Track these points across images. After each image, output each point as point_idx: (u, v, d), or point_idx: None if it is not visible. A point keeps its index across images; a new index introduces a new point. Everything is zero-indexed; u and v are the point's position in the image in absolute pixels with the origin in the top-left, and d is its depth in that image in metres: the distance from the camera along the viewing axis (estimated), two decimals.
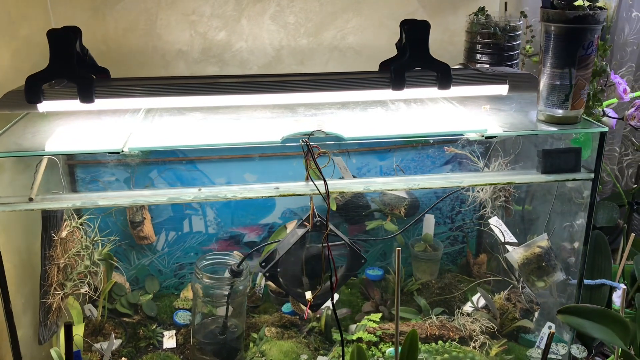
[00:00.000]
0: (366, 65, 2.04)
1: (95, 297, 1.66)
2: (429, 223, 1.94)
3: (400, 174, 1.93)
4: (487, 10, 1.80)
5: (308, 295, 1.50)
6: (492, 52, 1.74)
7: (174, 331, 1.82)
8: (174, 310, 1.91)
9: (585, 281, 1.70)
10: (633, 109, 1.84)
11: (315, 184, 1.36)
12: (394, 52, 2.02)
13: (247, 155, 1.86)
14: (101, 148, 1.37)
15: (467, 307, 1.87)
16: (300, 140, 1.38)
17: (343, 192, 1.51)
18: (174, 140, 1.40)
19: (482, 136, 1.42)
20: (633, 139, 1.83)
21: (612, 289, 1.79)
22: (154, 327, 1.83)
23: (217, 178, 1.89)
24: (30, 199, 1.36)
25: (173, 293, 1.98)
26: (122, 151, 1.33)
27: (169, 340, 1.79)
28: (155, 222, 1.91)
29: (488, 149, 1.88)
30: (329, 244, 1.52)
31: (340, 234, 1.57)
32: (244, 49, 1.99)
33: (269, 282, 1.94)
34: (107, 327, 1.79)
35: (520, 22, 1.76)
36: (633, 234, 1.78)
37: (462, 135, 1.44)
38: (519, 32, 1.75)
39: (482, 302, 1.87)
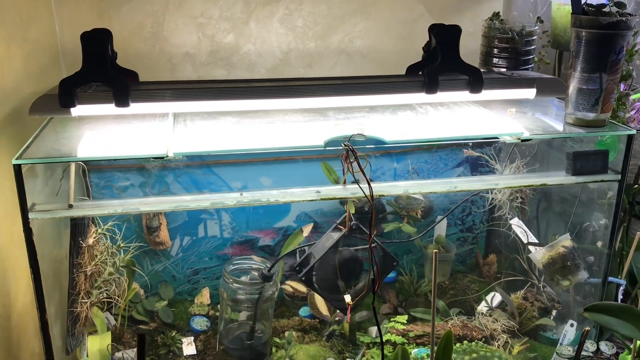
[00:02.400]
0: (373, 69, 2.07)
1: (119, 305, 1.62)
2: (441, 225, 1.97)
3: (415, 176, 1.95)
4: (501, 15, 1.84)
5: (347, 298, 1.51)
6: (509, 56, 1.78)
7: (192, 337, 1.80)
8: (189, 316, 1.88)
9: (593, 279, 1.76)
10: (633, 112, 1.91)
11: (360, 187, 1.37)
12: (400, 55, 2.06)
13: (262, 159, 1.85)
14: (144, 153, 1.34)
15: (482, 307, 1.91)
16: (343, 144, 1.38)
17: (382, 195, 1.51)
18: (219, 144, 1.39)
19: (519, 139, 1.46)
20: None
21: (618, 287, 1.85)
22: (173, 334, 1.80)
23: (234, 182, 1.87)
24: (70, 206, 1.32)
25: (186, 299, 1.96)
26: (167, 156, 1.31)
27: (189, 347, 1.77)
28: (170, 227, 1.88)
29: (499, 151, 1.93)
30: (361, 247, 1.54)
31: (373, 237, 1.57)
32: (252, 52, 1.98)
33: (284, 287, 1.95)
34: (125, 336, 1.75)
35: (536, 27, 1.80)
36: (638, 233, 1.84)
37: (498, 138, 1.47)
38: (535, 37, 1.80)
39: (495, 301, 1.91)
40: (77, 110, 1.39)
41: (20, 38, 1.56)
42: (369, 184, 1.37)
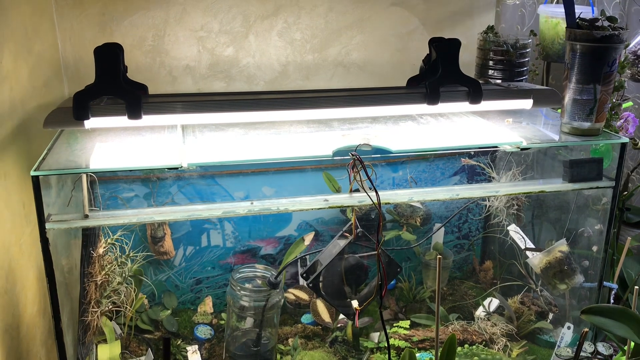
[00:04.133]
0: (369, 81, 2.12)
1: (127, 314, 1.64)
2: (439, 232, 2.02)
3: (413, 185, 2.00)
4: (495, 29, 1.90)
5: (355, 304, 1.55)
6: (504, 68, 1.83)
7: (197, 346, 1.83)
8: (193, 325, 1.91)
9: (586, 284, 1.82)
10: (622, 121, 1.98)
11: (369, 195, 1.41)
12: (395, 67, 2.12)
13: (265, 169, 1.89)
14: (160, 164, 1.37)
15: (480, 312, 1.96)
16: (350, 154, 1.42)
17: (388, 203, 1.55)
18: (230, 155, 1.42)
19: (518, 148, 1.51)
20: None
21: (610, 290, 1.91)
22: (178, 342, 1.82)
23: (236, 192, 1.91)
24: (86, 216, 1.35)
25: (190, 308, 1.98)
26: (181, 166, 1.34)
27: (194, 355, 1.79)
28: (174, 237, 1.90)
29: (494, 160, 1.98)
30: (364, 254, 1.58)
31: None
32: (251, 65, 2.02)
33: (287, 294, 1.98)
34: (131, 345, 1.77)
35: (530, 40, 1.87)
36: (629, 238, 1.90)
37: (498, 147, 1.53)
38: (529, 50, 1.86)
39: (493, 306, 1.96)
40: (91, 123, 1.41)
41: (25, 52, 1.58)
42: (376, 192, 1.41)
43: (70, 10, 1.82)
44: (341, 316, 1.87)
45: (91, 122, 1.41)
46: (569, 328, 1.78)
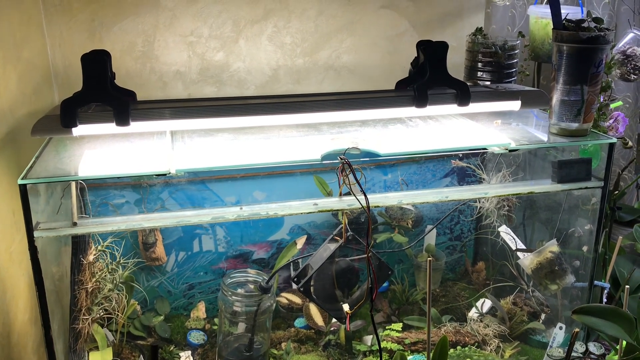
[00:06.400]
0: (359, 84, 2.12)
1: (118, 321, 1.64)
2: (431, 234, 2.03)
3: (405, 187, 2.01)
4: (484, 31, 1.90)
5: (346, 307, 1.55)
6: (492, 69, 1.84)
7: (190, 351, 1.82)
8: (185, 330, 1.91)
9: (578, 283, 1.82)
10: (611, 120, 1.98)
11: (357, 198, 1.41)
12: (386, 70, 2.12)
13: (255, 174, 1.89)
14: (147, 170, 1.37)
15: (472, 313, 1.96)
16: (339, 157, 1.42)
17: (377, 206, 1.55)
18: (219, 160, 1.42)
19: (506, 149, 1.51)
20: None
21: (602, 290, 1.91)
22: (171, 348, 1.82)
23: (227, 197, 1.91)
24: (75, 224, 1.35)
25: (182, 314, 1.98)
26: (169, 173, 1.34)
27: None
28: (166, 243, 1.90)
29: (484, 161, 1.99)
30: (355, 257, 1.58)
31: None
32: (241, 69, 2.02)
33: (279, 299, 1.98)
34: (124, 352, 1.77)
35: (518, 41, 1.87)
36: (621, 237, 1.90)
37: (486, 149, 1.53)
38: (517, 51, 1.86)
39: (485, 307, 1.97)
40: (79, 130, 1.41)
41: (14, 58, 1.58)
42: (365, 196, 1.41)
43: (59, 16, 1.82)
44: (334, 320, 1.87)
45: (79, 130, 1.41)
46: (561, 328, 1.78)
